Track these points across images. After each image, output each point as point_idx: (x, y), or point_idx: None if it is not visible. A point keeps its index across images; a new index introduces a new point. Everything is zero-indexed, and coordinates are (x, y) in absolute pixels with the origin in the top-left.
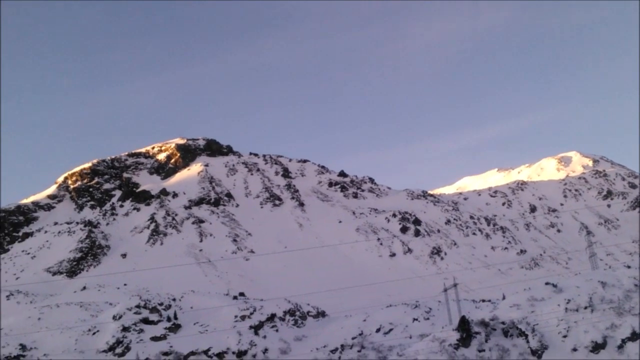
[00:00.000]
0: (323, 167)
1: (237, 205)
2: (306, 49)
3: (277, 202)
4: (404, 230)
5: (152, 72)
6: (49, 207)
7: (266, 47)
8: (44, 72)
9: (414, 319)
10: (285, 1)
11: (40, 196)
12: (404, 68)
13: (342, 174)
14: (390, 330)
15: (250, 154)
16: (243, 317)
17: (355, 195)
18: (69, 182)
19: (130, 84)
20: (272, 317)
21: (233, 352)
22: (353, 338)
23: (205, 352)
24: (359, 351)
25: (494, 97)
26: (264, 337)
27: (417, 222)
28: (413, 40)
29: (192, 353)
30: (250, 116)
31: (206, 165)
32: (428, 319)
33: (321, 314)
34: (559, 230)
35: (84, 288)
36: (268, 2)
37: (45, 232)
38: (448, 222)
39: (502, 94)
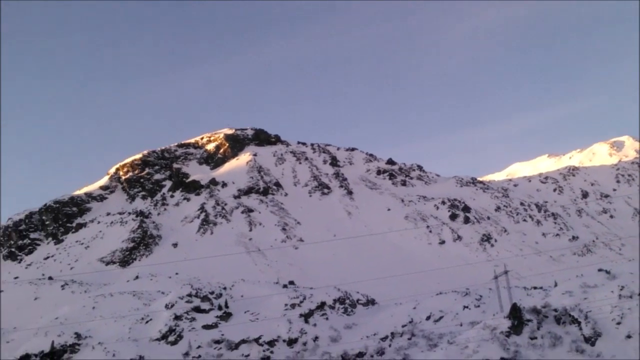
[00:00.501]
0: (371, 155)
1: (286, 194)
2: (350, 39)
3: (325, 190)
4: (453, 217)
5: (200, 63)
6: (101, 198)
7: (312, 39)
8: (92, 63)
9: (465, 307)
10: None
11: (93, 187)
12: (451, 55)
13: (391, 161)
14: (441, 317)
15: (298, 143)
16: (293, 306)
17: (404, 183)
18: (121, 173)
19: (179, 75)
20: (322, 306)
21: (284, 340)
22: (403, 326)
23: (256, 340)
24: (409, 339)
25: (545, 83)
26: (314, 325)
27: (466, 209)
28: (458, 29)
29: (244, 341)
30: (298, 106)
31: (255, 155)
32: (479, 306)
33: (371, 302)
34: (611, 216)
35: (137, 277)
36: None
37: (98, 222)
38: (498, 208)
39: (553, 80)
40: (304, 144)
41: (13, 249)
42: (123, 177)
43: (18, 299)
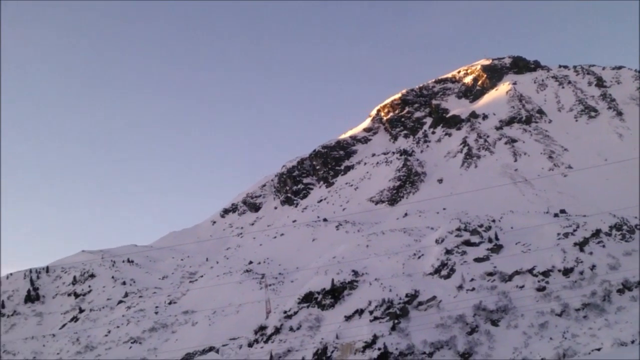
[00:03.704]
0: None
1: (550, 121)
2: None
3: (592, 113)
4: None
5: None
6: (365, 140)
7: None
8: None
9: None
10: None
11: (357, 130)
12: None
13: None
14: None
15: (560, 66)
16: (566, 235)
17: None
18: (382, 114)
19: (433, 9)
20: (597, 233)
21: (559, 270)
22: None
23: (530, 270)
24: None
25: None
26: (590, 253)
27: None
28: None
29: (517, 272)
30: (556, 27)
31: (514, 84)
32: None
33: None
34: None
35: (405, 214)
36: None
37: (365, 164)
38: None
39: None
40: (565, 67)
41: (289, 195)
42: (384, 118)
43: (298, 241)
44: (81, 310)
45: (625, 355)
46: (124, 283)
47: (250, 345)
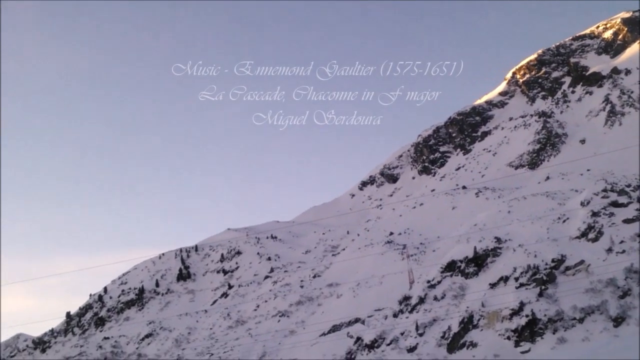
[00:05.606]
0: None
1: None
2: None
3: None
4: None
5: None
6: (501, 104)
7: None
8: None
9: None
10: None
11: (492, 95)
12: None
13: None
14: None
15: None
16: None
17: None
18: (517, 76)
19: None
20: None
21: None
22: None
23: None
24: None
25: None
26: None
27: None
28: None
29: None
30: None
31: None
32: None
33: None
34: None
35: (547, 178)
36: None
37: (502, 128)
38: None
39: None
40: None
41: (426, 164)
42: (520, 80)
43: (437, 210)
44: (230, 287)
45: (625, 355)
46: (269, 259)
47: (395, 315)
